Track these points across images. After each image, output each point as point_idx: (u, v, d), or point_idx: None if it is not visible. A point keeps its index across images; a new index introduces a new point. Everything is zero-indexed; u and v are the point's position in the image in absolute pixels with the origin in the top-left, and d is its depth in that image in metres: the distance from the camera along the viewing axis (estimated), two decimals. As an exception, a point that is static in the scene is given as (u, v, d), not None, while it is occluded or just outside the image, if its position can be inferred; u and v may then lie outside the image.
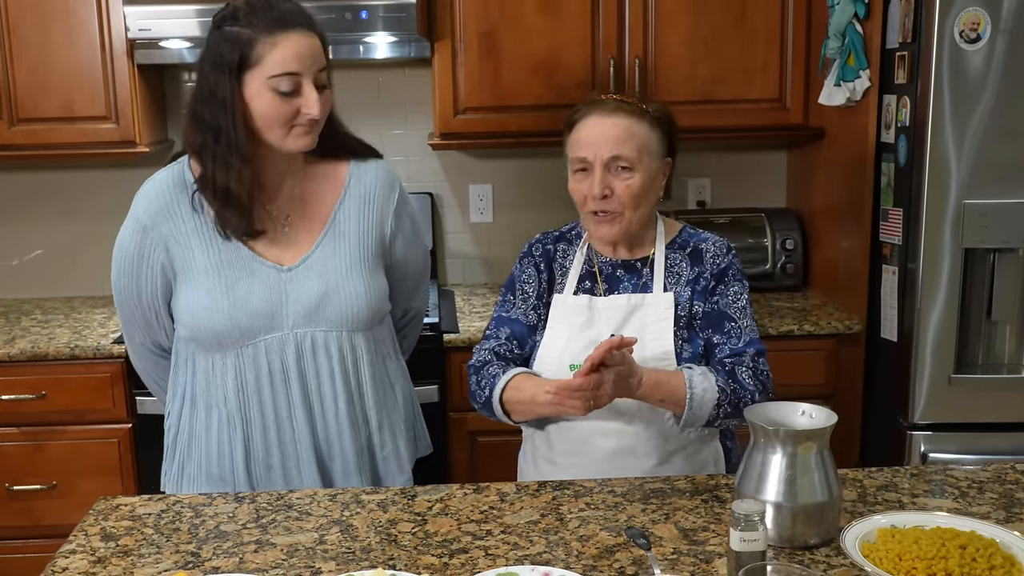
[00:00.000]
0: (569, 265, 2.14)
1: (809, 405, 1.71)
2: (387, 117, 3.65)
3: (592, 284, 2.10)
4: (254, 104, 1.86)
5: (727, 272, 2.08)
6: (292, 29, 1.84)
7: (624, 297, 2.07)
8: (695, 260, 2.09)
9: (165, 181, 1.98)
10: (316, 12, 2.96)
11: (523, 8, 3.19)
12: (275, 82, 1.84)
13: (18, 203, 3.60)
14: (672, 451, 2.03)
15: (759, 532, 1.47)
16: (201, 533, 1.73)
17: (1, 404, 2.99)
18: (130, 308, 2.05)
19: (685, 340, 2.04)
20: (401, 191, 2.11)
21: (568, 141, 2.07)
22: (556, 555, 1.62)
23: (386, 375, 2.09)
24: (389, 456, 2.09)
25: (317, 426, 2.00)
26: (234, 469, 2.00)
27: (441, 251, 3.74)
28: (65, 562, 1.64)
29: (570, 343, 2.05)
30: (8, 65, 3.15)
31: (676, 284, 2.07)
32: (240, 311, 1.92)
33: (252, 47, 1.83)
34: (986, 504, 1.78)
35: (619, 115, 2.00)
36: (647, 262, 2.10)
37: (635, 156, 1.99)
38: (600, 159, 1.98)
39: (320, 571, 1.58)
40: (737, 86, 3.26)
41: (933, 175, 2.70)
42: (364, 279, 1.99)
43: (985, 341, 2.83)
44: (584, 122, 2.03)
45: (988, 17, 2.60)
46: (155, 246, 1.96)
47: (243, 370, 1.96)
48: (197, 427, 2.03)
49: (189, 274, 1.95)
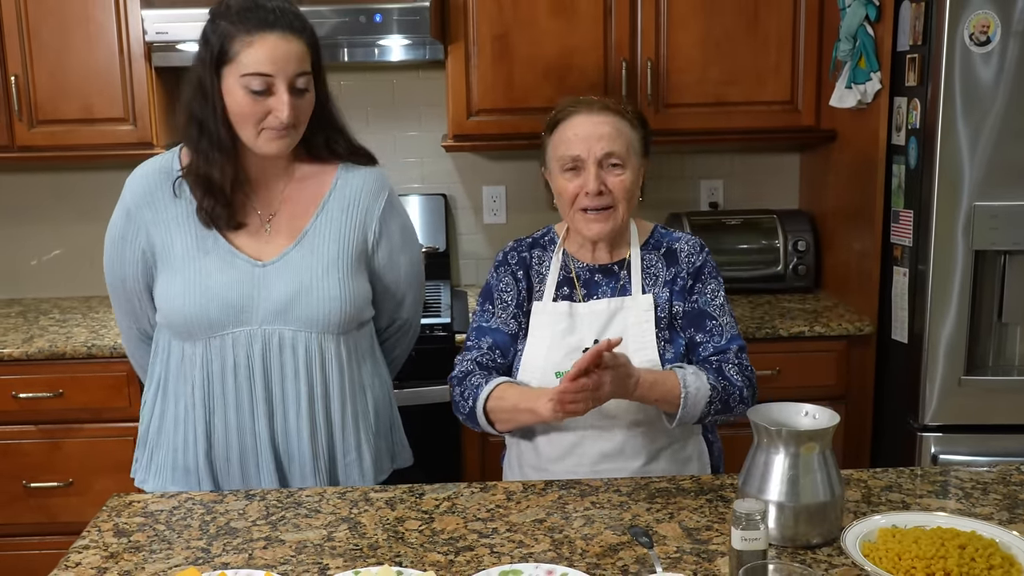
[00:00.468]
0: (546, 272, 2.14)
1: (812, 406, 1.72)
2: (401, 119, 3.68)
3: (571, 290, 2.11)
4: (228, 100, 1.88)
5: (703, 270, 2.10)
6: (272, 30, 1.85)
7: (604, 302, 2.08)
8: (670, 260, 2.11)
9: (153, 167, 2.02)
10: (331, 15, 3.06)
11: (536, 11, 3.21)
12: (247, 80, 1.85)
13: (37, 204, 3.64)
14: (659, 449, 2.05)
15: (760, 531, 1.48)
16: (211, 530, 1.76)
17: (19, 402, 3.04)
18: (118, 292, 2.08)
19: (667, 341, 2.06)
20: (390, 199, 2.08)
21: (551, 142, 2.08)
22: (560, 553, 1.64)
23: (359, 382, 2.06)
24: (352, 464, 2.05)
25: (276, 424, 1.99)
26: (197, 461, 2.00)
27: (454, 252, 3.76)
28: (78, 557, 1.67)
29: (552, 351, 2.06)
30: (28, 68, 3.19)
31: (654, 285, 2.09)
32: (211, 301, 1.93)
33: (231, 43, 1.85)
34: (990, 505, 1.79)
35: (606, 114, 2.03)
36: (624, 264, 2.11)
37: (625, 153, 2.02)
38: (594, 156, 2.00)
39: (328, 567, 1.61)
40: (749, 88, 3.27)
41: (943, 177, 2.70)
42: (340, 282, 1.98)
43: (996, 343, 2.83)
44: (571, 121, 2.04)
45: (998, 20, 2.61)
46: (138, 230, 1.99)
47: (210, 361, 1.97)
48: (167, 416, 2.04)
49: (167, 261, 1.97)
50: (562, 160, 2.04)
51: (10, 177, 3.66)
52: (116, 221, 2.04)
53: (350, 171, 2.06)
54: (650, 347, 2.03)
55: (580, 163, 2.02)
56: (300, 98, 1.90)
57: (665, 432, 2.04)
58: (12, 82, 3.18)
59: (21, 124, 3.22)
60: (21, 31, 3.17)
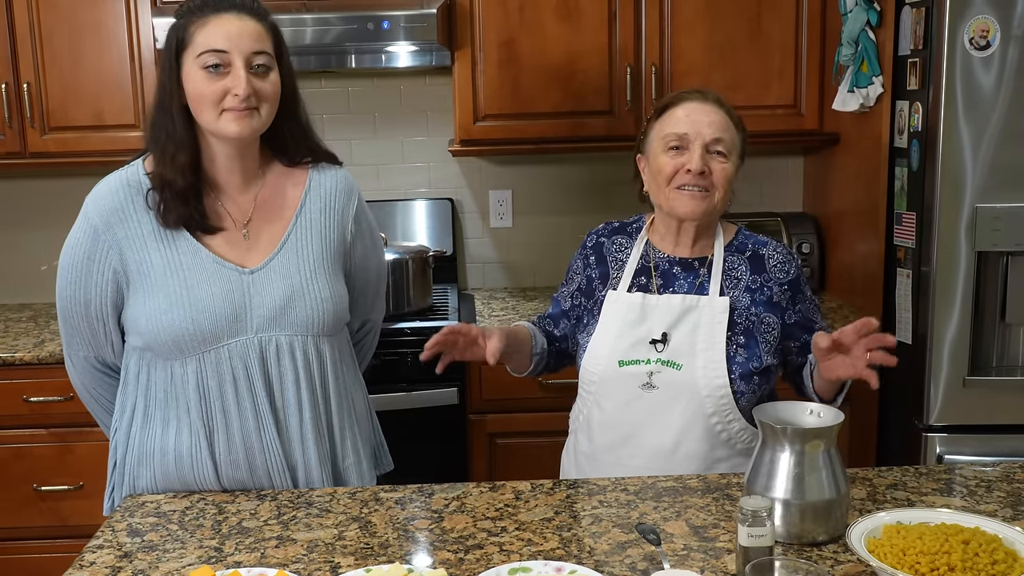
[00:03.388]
0: (625, 259, 2.14)
1: (817, 404, 1.75)
2: (409, 125, 3.71)
3: (647, 280, 2.10)
4: (187, 86, 1.86)
5: (799, 281, 2.10)
6: (225, 11, 1.85)
7: (679, 297, 2.06)
8: (756, 266, 2.09)
9: (118, 181, 1.93)
10: (339, 22, 3.10)
11: (542, 17, 3.24)
12: (202, 59, 1.83)
13: (48, 209, 3.67)
14: (718, 459, 2.04)
15: (766, 528, 1.50)
16: (224, 529, 1.78)
17: (30, 406, 3.06)
18: (76, 319, 1.97)
19: (740, 346, 2.04)
20: (360, 198, 2.09)
21: (657, 124, 2.08)
22: (569, 551, 1.66)
23: (347, 385, 2.06)
24: (351, 467, 2.04)
25: (283, 433, 1.95)
26: (205, 478, 1.94)
27: (461, 256, 3.79)
28: (93, 556, 1.70)
29: (620, 339, 2.06)
30: (40, 75, 3.23)
31: (734, 288, 2.07)
32: (202, 314, 1.87)
33: (186, 30, 1.85)
34: (994, 502, 1.81)
35: (718, 106, 2.05)
36: (705, 262, 2.10)
37: (731, 145, 2.04)
38: (702, 138, 2.01)
39: (339, 566, 1.63)
40: (753, 93, 3.29)
41: (946, 179, 2.72)
42: (328, 283, 1.97)
43: (999, 343, 2.84)
44: (683, 105, 2.05)
45: (998, 25, 2.63)
46: (108, 249, 1.90)
47: (205, 377, 1.90)
48: (150, 444, 1.96)
49: (145, 278, 1.89)
50: (668, 137, 2.03)
51: (22, 183, 3.69)
52: (79, 242, 1.92)
53: (321, 172, 2.04)
54: (718, 348, 2.02)
55: (686, 142, 2.01)
56: (262, 79, 1.87)
57: (724, 443, 2.03)
58: (25, 89, 3.22)
59: (33, 130, 3.26)
60: (33, 38, 3.21)
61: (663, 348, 2.03)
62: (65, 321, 2.00)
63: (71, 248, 1.94)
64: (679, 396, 2.00)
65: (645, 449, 2.04)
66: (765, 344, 2.04)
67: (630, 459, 2.05)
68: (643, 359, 2.03)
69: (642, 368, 2.03)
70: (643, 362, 2.03)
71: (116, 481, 2.04)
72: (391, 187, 3.75)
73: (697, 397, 2.00)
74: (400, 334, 3.10)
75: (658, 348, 2.03)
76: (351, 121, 3.70)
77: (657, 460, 2.03)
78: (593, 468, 2.10)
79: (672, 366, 2.01)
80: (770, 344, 2.05)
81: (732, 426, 2.01)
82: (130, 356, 1.98)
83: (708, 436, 2.02)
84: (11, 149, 3.30)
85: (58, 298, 1.98)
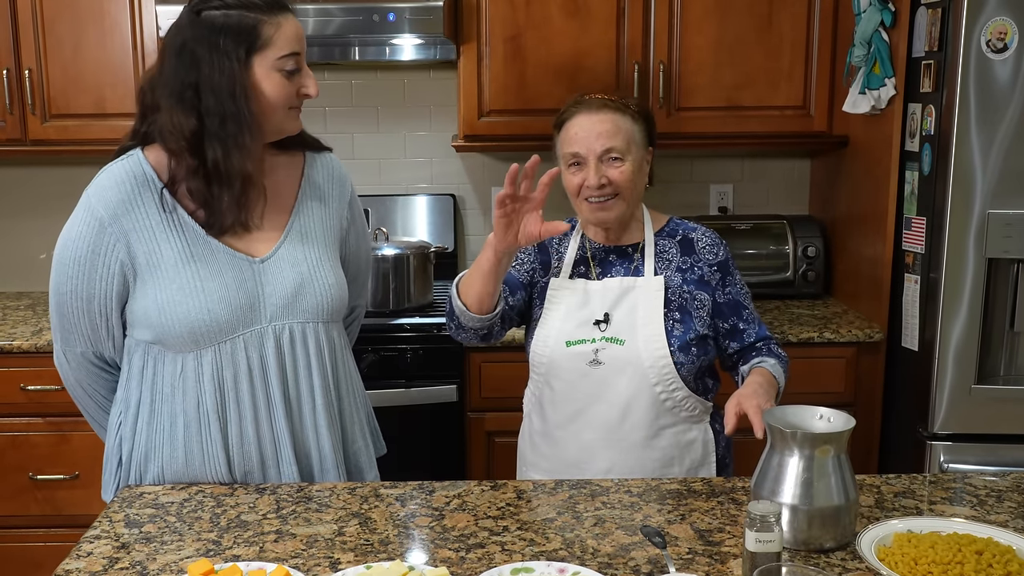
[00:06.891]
0: (564, 251, 2.27)
1: (827, 409, 1.72)
2: (412, 119, 3.69)
3: (586, 269, 2.24)
4: (263, 86, 1.84)
5: (728, 264, 2.24)
6: (286, 11, 1.87)
7: (617, 280, 2.20)
8: (686, 249, 2.23)
9: (123, 172, 1.88)
10: (343, 13, 3.07)
11: (549, 12, 3.21)
12: (282, 63, 1.85)
13: (48, 197, 3.65)
14: (663, 427, 2.16)
15: (775, 533, 1.47)
16: (223, 522, 1.75)
17: (27, 394, 3.04)
18: (76, 315, 1.91)
19: (677, 321, 2.17)
20: (351, 184, 2.13)
21: (559, 140, 2.22)
22: (572, 552, 1.63)
23: (349, 371, 2.08)
24: (359, 451, 2.08)
25: (295, 422, 1.95)
26: (217, 471, 1.92)
27: (463, 252, 3.76)
28: (90, 547, 1.67)
29: (565, 322, 2.19)
30: (42, 62, 3.21)
31: (666, 268, 2.21)
32: (218, 305, 1.86)
33: (260, 30, 1.83)
34: (1004, 512, 1.78)
35: (604, 112, 2.15)
36: (637, 248, 2.24)
37: (624, 147, 2.14)
38: (593, 153, 2.13)
39: (339, 562, 1.60)
40: (761, 92, 3.27)
41: (957, 184, 2.70)
42: (333, 268, 2.00)
43: (1007, 352, 2.82)
44: (573, 121, 2.17)
45: (1016, 27, 2.60)
46: (115, 242, 1.86)
47: (221, 368, 1.89)
48: (158, 439, 1.93)
49: (155, 270, 1.86)
50: (566, 157, 2.18)
51: (22, 170, 3.67)
52: (81, 235, 1.86)
53: (315, 159, 2.07)
54: (657, 323, 2.15)
55: (582, 159, 2.14)
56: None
57: (669, 411, 2.15)
58: (26, 76, 3.19)
59: (34, 118, 3.24)
60: (36, 25, 3.18)
61: (606, 327, 2.16)
62: (62, 316, 1.93)
63: (72, 242, 1.88)
64: (624, 369, 2.13)
65: (595, 422, 2.16)
66: (699, 319, 2.18)
67: (581, 433, 2.17)
68: (588, 338, 2.16)
69: (588, 347, 2.15)
70: (588, 341, 2.16)
71: (122, 478, 2.00)
72: (393, 182, 3.72)
73: (641, 369, 2.12)
74: (400, 330, 3.08)
75: (601, 328, 2.16)
76: (354, 114, 3.68)
77: (607, 431, 2.15)
78: (548, 445, 2.22)
79: (616, 342, 2.14)
80: (703, 319, 2.19)
81: (676, 394, 2.14)
82: (134, 351, 1.94)
83: (653, 405, 2.14)
84: (11, 136, 3.28)
85: (54, 293, 1.92)
